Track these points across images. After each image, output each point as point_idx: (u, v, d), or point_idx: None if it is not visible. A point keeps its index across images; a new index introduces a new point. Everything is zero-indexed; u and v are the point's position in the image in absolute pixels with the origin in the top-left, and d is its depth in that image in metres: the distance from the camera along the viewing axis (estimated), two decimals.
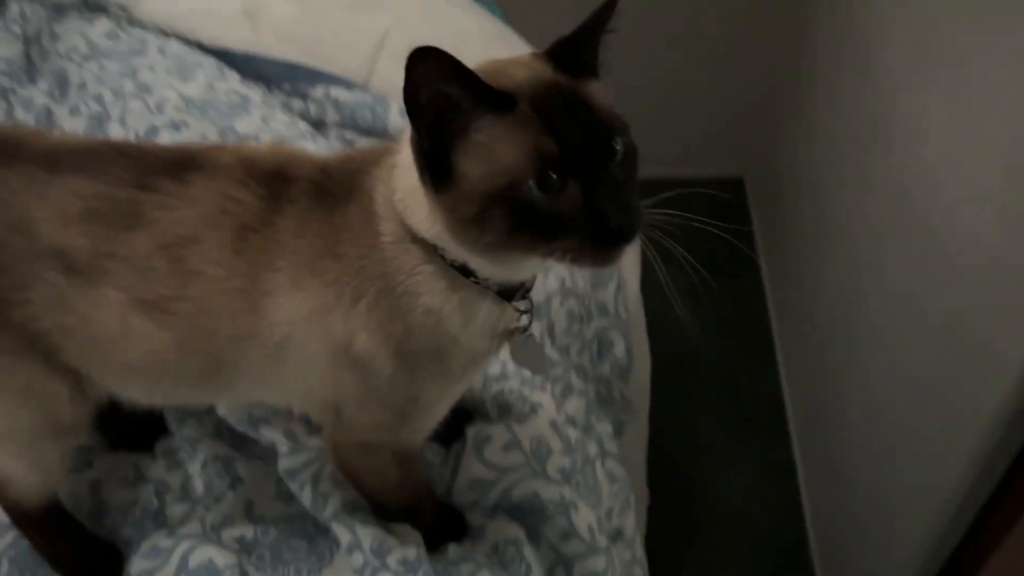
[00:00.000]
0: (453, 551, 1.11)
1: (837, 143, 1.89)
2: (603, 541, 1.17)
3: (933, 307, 1.42)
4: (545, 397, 1.28)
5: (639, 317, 1.57)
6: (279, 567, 1.10)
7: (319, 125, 1.54)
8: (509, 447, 1.20)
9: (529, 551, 1.11)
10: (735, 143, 2.63)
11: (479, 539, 1.13)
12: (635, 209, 0.80)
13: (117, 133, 1.42)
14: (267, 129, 1.43)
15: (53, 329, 0.92)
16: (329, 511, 1.09)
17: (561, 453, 1.21)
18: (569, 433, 1.26)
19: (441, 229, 0.83)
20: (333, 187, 0.91)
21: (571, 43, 0.83)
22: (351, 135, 1.53)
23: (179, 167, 0.90)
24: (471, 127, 0.77)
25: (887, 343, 1.61)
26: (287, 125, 1.46)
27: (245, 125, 1.43)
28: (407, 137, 0.83)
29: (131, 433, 1.21)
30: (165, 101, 1.45)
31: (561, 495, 1.16)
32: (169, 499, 1.16)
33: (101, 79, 1.49)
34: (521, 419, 1.23)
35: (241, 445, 1.20)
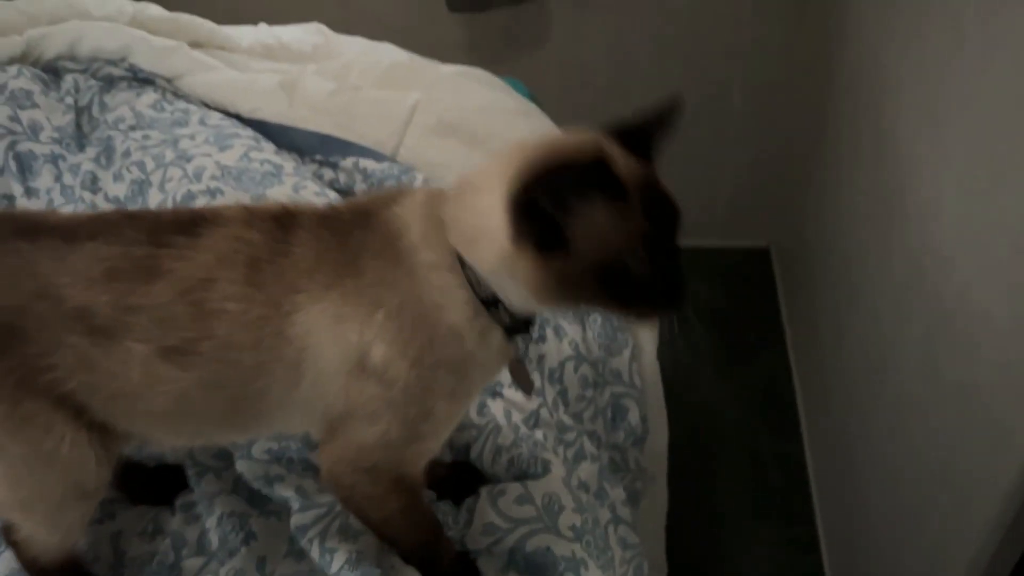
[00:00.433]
0: None
1: (859, 216, 1.91)
2: None
3: (948, 382, 1.42)
4: (557, 461, 1.29)
5: (656, 384, 1.57)
6: None
7: (347, 194, 1.59)
8: (522, 500, 1.22)
9: None
10: (761, 213, 2.66)
11: None
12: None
13: (156, 198, 1.49)
14: (298, 198, 1.49)
15: (78, 389, 0.96)
16: (336, 566, 1.11)
17: (573, 511, 1.22)
18: (581, 496, 1.27)
19: (512, 276, 0.92)
20: (343, 219, 1.00)
21: (639, 132, 0.96)
22: None
23: (190, 224, 0.97)
24: (589, 209, 0.88)
25: (905, 416, 1.60)
26: (316, 194, 1.51)
27: (277, 193, 1.48)
28: (470, 184, 0.95)
29: (152, 488, 1.24)
30: (203, 169, 1.51)
31: (572, 552, 1.17)
32: (185, 552, 1.18)
33: (144, 147, 1.56)
34: (534, 478, 1.26)
35: (257, 502, 1.22)
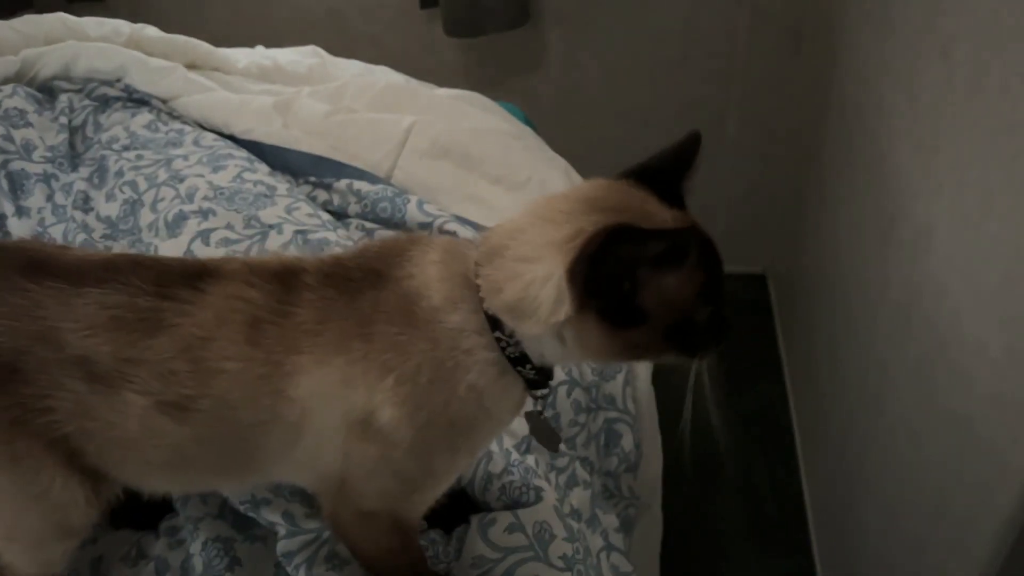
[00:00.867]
0: None
1: (854, 242, 1.90)
2: None
3: (943, 412, 1.40)
4: (548, 488, 1.27)
5: (650, 411, 1.56)
6: None
7: (340, 216, 1.59)
8: (512, 529, 1.20)
9: None
10: (757, 240, 2.66)
11: None
12: None
13: (147, 218, 1.48)
14: (290, 219, 1.48)
15: (74, 434, 0.96)
16: None
17: (564, 540, 1.21)
18: (572, 523, 1.25)
19: (565, 342, 0.93)
20: (351, 276, 0.97)
21: (665, 176, 0.97)
22: (371, 225, 1.58)
23: (194, 276, 0.97)
24: (659, 278, 0.89)
25: (901, 445, 1.59)
26: (309, 215, 1.50)
27: (269, 214, 1.48)
28: (510, 250, 0.93)
29: (136, 511, 1.22)
30: (195, 189, 1.50)
31: None
32: None
33: (137, 167, 1.56)
34: (526, 506, 1.24)
35: (243, 526, 1.21)
